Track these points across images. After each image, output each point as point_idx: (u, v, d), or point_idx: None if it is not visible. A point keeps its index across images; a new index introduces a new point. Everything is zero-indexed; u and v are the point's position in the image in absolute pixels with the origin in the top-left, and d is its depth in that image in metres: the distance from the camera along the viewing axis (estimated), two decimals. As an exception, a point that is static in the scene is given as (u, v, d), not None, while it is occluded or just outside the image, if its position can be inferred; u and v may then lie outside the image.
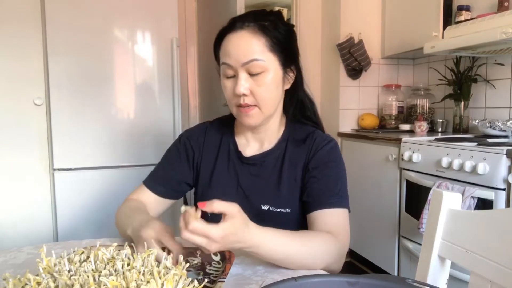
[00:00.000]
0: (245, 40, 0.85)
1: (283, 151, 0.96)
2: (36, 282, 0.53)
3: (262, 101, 0.88)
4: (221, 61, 0.89)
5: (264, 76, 0.86)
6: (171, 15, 2.15)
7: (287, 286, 0.50)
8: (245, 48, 0.85)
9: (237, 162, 0.97)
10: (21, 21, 1.96)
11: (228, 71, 0.87)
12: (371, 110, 2.76)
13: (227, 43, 0.87)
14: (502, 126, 1.96)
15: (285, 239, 0.74)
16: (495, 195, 1.57)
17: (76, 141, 2.04)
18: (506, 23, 1.69)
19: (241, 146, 0.99)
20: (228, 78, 0.88)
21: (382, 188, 2.27)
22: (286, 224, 0.80)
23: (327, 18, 2.81)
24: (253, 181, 0.95)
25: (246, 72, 0.85)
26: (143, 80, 2.14)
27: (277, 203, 0.92)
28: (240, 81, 0.85)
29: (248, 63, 0.84)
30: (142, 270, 0.56)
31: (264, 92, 0.87)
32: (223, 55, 0.88)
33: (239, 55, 0.84)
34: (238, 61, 0.85)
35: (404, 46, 2.47)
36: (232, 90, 0.88)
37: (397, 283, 0.51)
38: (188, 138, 1.02)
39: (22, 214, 2.02)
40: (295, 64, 0.94)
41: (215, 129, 1.02)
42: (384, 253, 2.28)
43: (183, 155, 1.00)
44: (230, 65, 0.86)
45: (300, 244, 0.76)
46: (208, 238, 0.64)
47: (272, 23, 0.88)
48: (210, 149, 1.00)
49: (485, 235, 0.66)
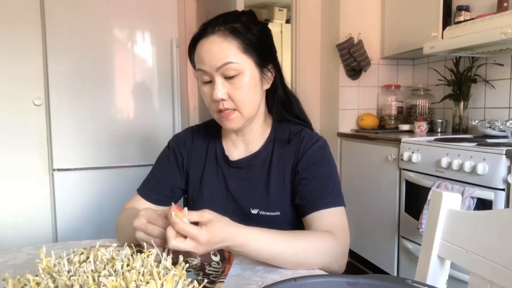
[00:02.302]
0: (216, 44, 0.84)
1: (270, 152, 0.95)
2: (36, 283, 0.53)
3: (241, 104, 0.87)
4: (196, 68, 0.89)
5: (240, 78, 0.85)
6: (170, 16, 2.15)
7: (287, 287, 0.50)
8: (217, 52, 0.84)
9: (225, 166, 0.97)
10: (21, 22, 1.96)
11: (204, 77, 0.87)
12: (371, 110, 2.76)
13: (200, 49, 0.86)
14: (501, 127, 1.96)
15: (273, 238, 0.74)
16: (495, 195, 1.57)
17: (76, 142, 2.04)
18: (505, 24, 1.69)
19: (228, 150, 0.98)
20: (206, 84, 0.88)
21: (381, 189, 2.27)
22: (276, 227, 0.79)
23: (326, 18, 2.81)
24: (241, 185, 0.94)
25: (221, 76, 0.85)
26: (143, 81, 2.14)
27: (266, 207, 0.91)
28: (216, 86, 0.85)
29: (222, 67, 0.84)
30: (141, 270, 0.56)
31: (242, 95, 0.86)
32: (198, 61, 0.87)
33: (212, 59, 0.84)
34: (212, 66, 0.84)
35: (403, 46, 2.47)
36: (210, 96, 0.87)
37: (397, 284, 0.51)
38: (177, 143, 1.02)
39: (22, 214, 2.02)
40: (272, 62, 0.93)
41: (202, 133, 1.02)
42: (383, 254, 2.28)
43: (173, 161, 1.00)
44: (205, 70, 0.85)
45: (289, 243, 0.75)
46: (194, 238, 0.65)
47: (244, 24, 0.87)
48: (198, 154, 1.00)
49: (485, 235, 0.66)
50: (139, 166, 2.12)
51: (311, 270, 0.76)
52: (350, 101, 2.72)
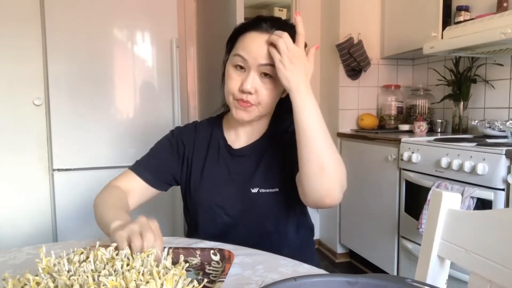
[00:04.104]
0: (268, 44, 0.87)
1: (269, 141, 1.00)
2: (36, 282, 0.53)
3: (263, 103, 0.91)
4: (235, 52, 0.91)
5: (272, 80, 0.90)
6: (170, 16, 2.15)
7: (287, 286, 0.50)
8: (267, 51, 0.87)
9: (227, 155, 1.01)
10: (21, 22, 1.96)
11: (240, 63, 0.90)
12: (371, 110, 2.77)
13: (249, 39, 0.89)
14: (501, 127, 1.96)
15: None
16: (495, 195, 1.57)
17: (76, 142, 2.04)
18: (505, 24, 1.69)
19: (230, 141, 1.02)
20: (236, 69, 0.91)
21: (381, 189, 2.27)
22: (276, 204, 0.83)
23: (326, 18, 2.81)
24: (242, 170, 0.99)
25: (258, 72, 0.89)
26: (143, 81, 2.14)
27: (265, 185, 0.95)
28: (249, 78, 0.88)
29: (264, 66, 0.88)
30: (141, 270, 0.56)
31: (267, 95, 0.91)
32: (241, 48, 0.90)
33: (259, 55, 0.87)
34: (256, 60, 0.88)
35: (403, 46, 2.47)
36: (237, 82, 0.90)
37: (397, 283, 0.51)
38: (180, 133, 1.06)
39: (22, 214, 2.02)
40: None
41: (204, 127, 1.06)
42: (383, 254, 2.28)
43: (174, 147, 1.03)
44: (246, 59, 0.88)
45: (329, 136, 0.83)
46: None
47: (292, 36, 0.88)
48: (201, 145, 1.03)
49: (485, 235, 0.66)
50: (139, 166, 2.12)
51: (312, 268, 0.76)
52: (350, 101, 2.72)
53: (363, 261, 2.53)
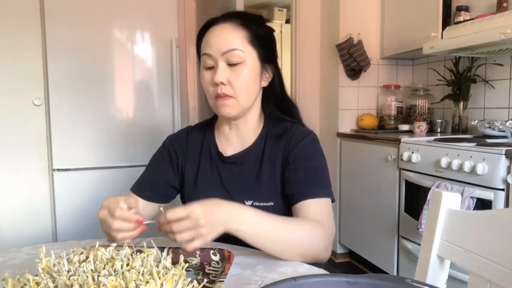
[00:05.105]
0: (226, 31, 0.90)
1: (262, 147, 0.98)
2: (35, 283, 0.53)
3: (239, 92, 0.91)
4: (201, 52, 0.92)
5: (242, 67, 0.90)
6: (170, 16, 2.15)
7: (286, 286, 0.50)
8: (226, 38, 0.89)
9: (219, 163, 0.99)
10: (21, 21, 1.96)
11: (208, 62, 0.91)
12: (370, 110, 2.77)
13: (209, 34, 0.91)
14: (501, 127, 1.96)
15: (269, 217, 0.78)
16: (494, 195, 1.57)
17: (75, 142, 2.04)
18: (505, 24, 1.69)
19: (222, 147, 1.01)
20: (208, 70, 0.92)
21: (381, 189, 2.27)
22: None
23: (326, 18, 2.81)
24: (235, 179, 0.97)
25: (225, 62, 0.90)
26: (143, 81, 2.14)
27: (259, 198, 0.94)
28: (218, 70, 0.89)
29: (227, 52, 0.88)
30: (141, 270, 0.56)
31: (241, 82, 0.90)
32: (205, 46, 0.92)
33: (220, 44, 0.89)
34: (219, 50, 0.89)
35: (403, 46, 2.47)
36: (210, 80, 0.91)
37: (396, 283, 0.51)
38: (171, 142, 1.04)
39: (22, 214, 2.02)
40: (273, 64, 0.98)
41: (196, 133, 1.05)
42: (383, 254, 2.28)
43: (167, 159, 1.02)
44: (210, 54, 0.90)
45: (285, 222, 0.80)
46: (190, 217, 0.66)
47: (254, 20, 0.93)
48: (193, 152, 1.02)
49: (484, 235, 0.66)
50: (139, 166, 2.10)
51: (311, 268, 0.76)
52: (350, 101, 2.72)
53: (363, 261, 2.53)
